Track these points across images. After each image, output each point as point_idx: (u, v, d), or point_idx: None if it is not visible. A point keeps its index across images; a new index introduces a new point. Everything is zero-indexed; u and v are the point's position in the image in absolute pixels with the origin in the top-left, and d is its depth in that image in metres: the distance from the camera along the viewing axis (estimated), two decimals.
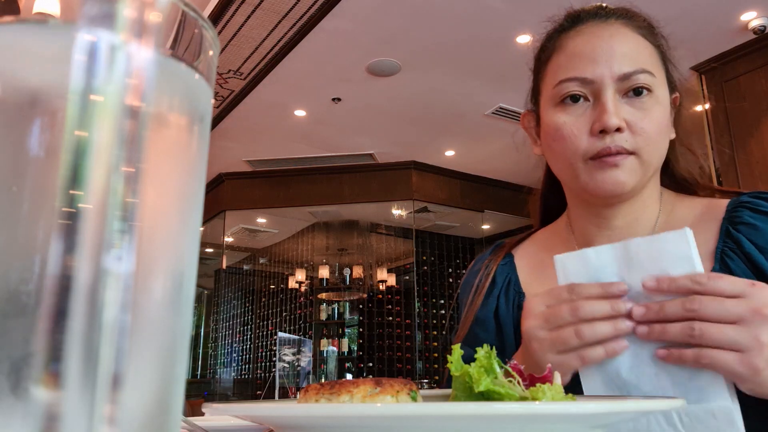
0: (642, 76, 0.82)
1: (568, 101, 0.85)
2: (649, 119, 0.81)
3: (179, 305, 0.22)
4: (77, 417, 0.16)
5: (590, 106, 0.84)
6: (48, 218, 0.18)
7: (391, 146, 6.27)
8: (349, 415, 0.39)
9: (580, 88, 0.84)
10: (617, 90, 0.82)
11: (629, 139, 0.81)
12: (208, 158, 0.25)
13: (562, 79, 0.85)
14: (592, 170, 0.83)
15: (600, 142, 0.81)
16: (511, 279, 1.00)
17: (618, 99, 0.82)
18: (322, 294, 8.13)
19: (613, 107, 0.81)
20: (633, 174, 0.82)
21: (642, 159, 0.82)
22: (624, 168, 0.81)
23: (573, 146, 0.83)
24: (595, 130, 0.81)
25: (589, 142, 0.82)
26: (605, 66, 0.82)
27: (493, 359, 0.48)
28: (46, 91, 0.19)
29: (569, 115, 0.84)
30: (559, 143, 0.85)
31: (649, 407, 0.43)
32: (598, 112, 0.82)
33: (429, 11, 4.03)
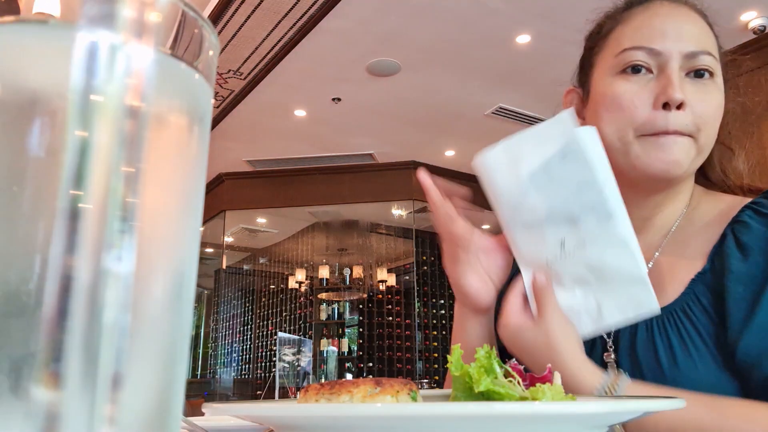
0: (707, 57, 0.80)
1: (630, 71, 0.81)
2: (709, 103, 0.79)
3: (179, 305, 0.22)
4: (77, 417, 0.16)
5: (653, 79, 0.80)
6: (48, 218, 0.18)
7: (391, 146, 6.27)
8: (349, 415, 0.39)
9: (646, 59, 0.81)
10: (681, 67, 0.80)
11: (689, 121, 0.78)
12: (208, 158, 0.25)
13: (627, 47, 0.82)
14: (646, 146, 0.79)
15: (661, 118, 0.78)
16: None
17: (682, 75, 0.80)
18: (322, 294, 8.13)
19: (679, 81, 0.78)
20: (688, 156, 0.79)
21: (698, 143, 0.79)
22: (682, 147, 0.78)
23: (630, 116, 0.80)
24: (658, 103, 0.78)
25: (650, 116, 0.78)
26: (674, 41, 0.80)
27: (493, 359, 0.48)
28: (46, 91, 0.19)
29: (630, 84, 0.81)
30: (613, 112, 0.81)
31: (650, 407, 0.43)
32: (663, 84, 0.78)
33: (429, 11, 4.03)
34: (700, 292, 0.78)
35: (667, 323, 0.78)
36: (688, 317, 0.77)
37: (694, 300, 0.78)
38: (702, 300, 0.78)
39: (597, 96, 0.85)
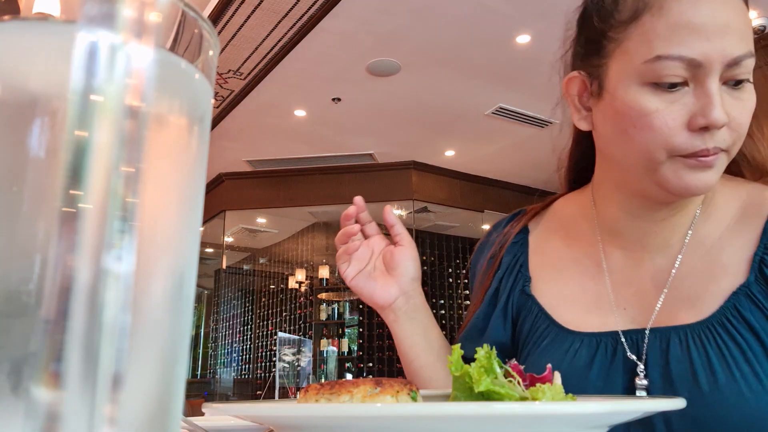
0: (749, 61, 0.68)
1: (665, 85, 0.68)
2: (747, 113, 0.69)
3: (179, 305, 0.22)
4: (77, 417, 0.16)
5: (689, 93, 0.68)
6: (48, 218, 0.18)
7: (391, 146, 6.27)
8: (349, 415, 0.39)
9: (684, 71, 0.67)
10: (721, 77, 0.68)
11: (726, 138, 0.68)
12: (208, 158, 0.25)
13: (662, 54, 0.67)
14: (679, 168, 0.69)
15: (699, 140, 0.67)
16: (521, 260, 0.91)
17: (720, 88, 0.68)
18: (322, 294, 8.13)
19: (720, 100, 0.66)
20: (720, 172, 0.71)
21: (731, 154, 0.71)
22: (716, 168, 0.69)
23: (662, 139, 0.68)
24: (696, 125, 0.67)
25: (687, 138, 0.68)
26: (718, 46, 0.66)
27: (493, 359, 0.48)
28: (46, 91, 0.19)
29: (662, 101, 0.68)
30: (643, 132, 0.69)
31: (650, 407, 0.43)
32: (702, 102, 0.67)
33: (429, 11, 4.03)
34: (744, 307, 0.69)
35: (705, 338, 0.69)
36: (729, 334, 0.68)
37: (735, 315, 0.69)
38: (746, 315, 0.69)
39: (619, 104, 0.72)
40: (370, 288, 0.91)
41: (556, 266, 0.88)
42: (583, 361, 0.76)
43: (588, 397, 0.53)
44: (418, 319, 0.92)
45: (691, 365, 0.69)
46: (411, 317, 0.92)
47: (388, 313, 0.92)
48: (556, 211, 0.96)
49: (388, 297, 0.91)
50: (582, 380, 0.74)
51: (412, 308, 0.92)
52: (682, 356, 0.70)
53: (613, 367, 0.75)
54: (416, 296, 0.93)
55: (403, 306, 0.92)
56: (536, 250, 0.92)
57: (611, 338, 0.76)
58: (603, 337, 0.77)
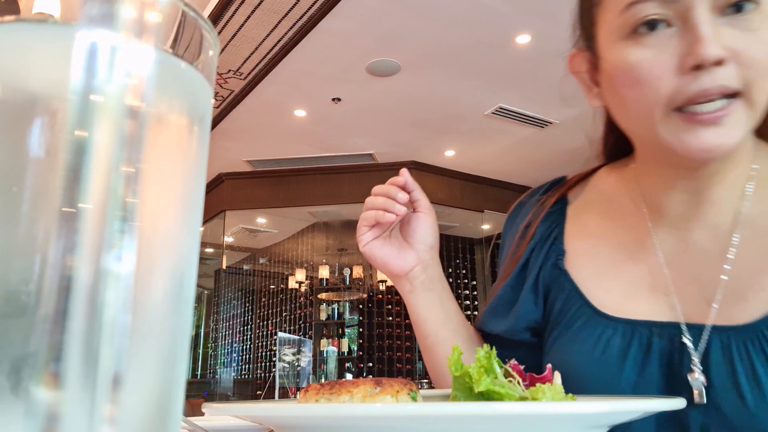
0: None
1: (643, 30, 0.62)
2: (760, 42, 0.58)
3: (179, 305, 0.22)
4: (77, 417, 0.16)
5: (675, 34, 0.61)
6: (48, 218, 0.18)
7: (391, 146, 6.27)
8: (349, 415, 0.39)
9: (660, 9, 0.60)
10: (713, 7, 0.59)
11: (734, 75, 0.58)
12: (208, 158, 0.25)
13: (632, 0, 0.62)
14: (679, 126, 0.61)
15: (693, 82, 0.58)
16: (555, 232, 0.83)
17: (715, 19, 0.59)
18: (322, 294, 8.14)
19: (711, 31, 0.58)
20: (739, 127, 0.59)
21: (752, 99, 0.59)
22: (727, 123, 0.59)
23: (654, 91, 0.61)
24: (686, 66, 0.59)
25: (679, 83, 0.59)
26: None
27: (493, 359, 0.48)
28: (46, 91, 0.19)
29: (646, 49, 0.61)
30: (632, 89, 0.63)
31: (651, 407, 0.43)
32: (689, 40, 0.59)
33: (429, 11, 4.03)
34: None
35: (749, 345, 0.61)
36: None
37: None
38: None
39: (608, 67, 0.67)
40: (386, 254, 0.86)
41: (595, 242, 0.79)
42: (617, 350, 0.68)
43: (588, 397, 0.53)
44: (435, 291, 0.87)
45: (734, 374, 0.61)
46: (428, 288, 0.86)
47: (404, 283, 0.86)
48: (598, 183, 0.86)
49: (405, 265, 0.85)
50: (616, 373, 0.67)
51: (429, 278, 0.86)
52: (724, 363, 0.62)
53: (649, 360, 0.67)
54: (434, 266, 0.87)
55: (419, 275, 0.86)
56: (574, 222, 0.83)
57: (648, 328, 0.68)
58: (640, 326, 0.69)
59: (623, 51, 0.64)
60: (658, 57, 0.61)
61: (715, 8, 0.59)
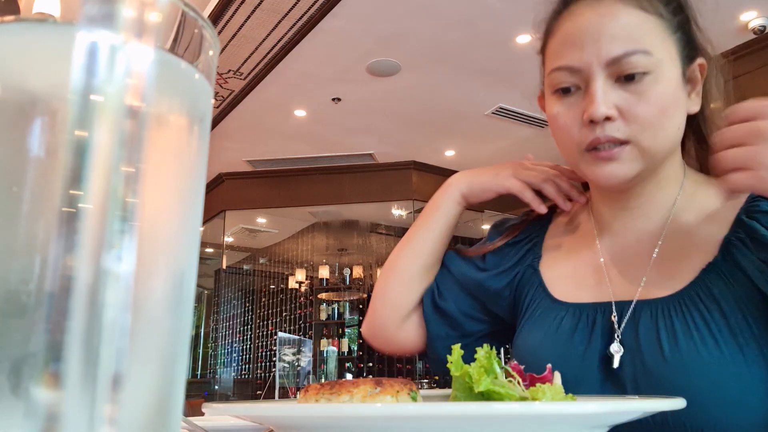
0: (634, 58, 0.76)
1: (560, 92, 0.82)
2: (645, 103, 0.76)
3: (179, 305, 0.22)
4: (77, 417, 0.16)
5: (581, 95, 0.80)
6: (48, 218, 0.18)
7: (391, 146, 6.27)
8: (349, 415, 0.39)
9: (570, 78, 0.80)
10: (609, 75, 0.77)
11: (621, 128, 0.76)
12: (208, 158, 0.25)
13: (552, 68, 0.83)
14: (589, 162, 0.80)
15: (591, 133, 0.78)
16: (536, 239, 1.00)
17: (610, 85, 0.77)
18: (322, 294, 8.13)
19: (602, 95, 0.76)
20: (633, 164, 0.78)
21: (641, 146, 0.77)
22: (621, 160, 0.78)
23: (568, 137, 0.81)
24: (585, 121, 0.78)
25: (581, 133, 0.79)
26: (592, 51, 0.77)
27: (493, 359, 0.48)
28: (46, 91, 0.19)
29: (562, 105, 0.82)
30: (556, 134, 0.84)
31: (650, 407, 0.43)
32: (587, 101, 0.78)
33: (429, 11, 4.03)
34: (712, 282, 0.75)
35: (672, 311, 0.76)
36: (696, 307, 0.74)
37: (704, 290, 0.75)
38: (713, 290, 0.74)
39: (547, 116, 0.88)
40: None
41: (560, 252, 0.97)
42: (567, 327, 0.84)
43: (588, 397, 0.54)
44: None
45: (657, 333, 0.75)
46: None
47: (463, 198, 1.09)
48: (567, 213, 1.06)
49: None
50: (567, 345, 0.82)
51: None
52: (650, 326, 0.76)
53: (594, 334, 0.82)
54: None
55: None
56: (552, 234, 1.01)
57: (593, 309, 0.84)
58: (585, 307, 0.85)
59: (550, 105, 0.85)
60: (569, 112, 0.81)
61: (611, 76, 0.77)
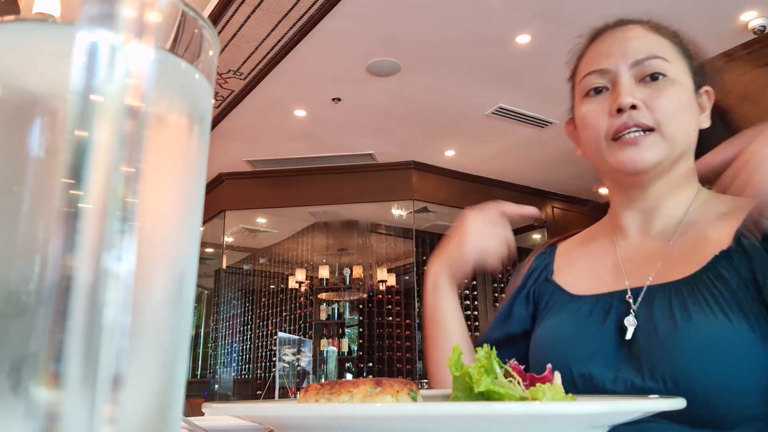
0: (655, 61, 0.89)
1: (591, 93, 0.94)
2: (666, 97, 0.87)
3: (179, 305, 0.22)
4: (77, 417, 0.16)
5: (610, 93, 0.92)
6: (48, 218, 0.18)
7: (391, 146, 6.27)
8: (349, 415, 0.39)
9: (600, 79, 0.93)
10: (633, 76, 0.90)
11: (647, 115, 0.86)
12: (208, 158, 0.25)
13: (584, 74, 0.95)
14: (614, 149, 0.89)
15: (618, 119, 0.88)
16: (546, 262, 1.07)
17: (634, 83, 0.89)
18: (322, 294, 8.13)
19: (628, 88, 0.88)
20: (655, 149, 0.87)
21: (664, 134, 0.86)
22: (644, 145, 0.86)
23: (596, 129, 0.91)
24: (612, 111, 0.89)
25: (609, 122, 0.89)
26: (620, 57, 0.91)
27: (493, 359, 0.48)
28: (46, 91, 0.19)
29: (592, 104, 0.93)
30: (585, 130, 0.94)
31: (650, 407, 0.43)
32: (615, 95, 0.90)
33: (429, 11, 4.03)
34: (723, 267, 0.80)
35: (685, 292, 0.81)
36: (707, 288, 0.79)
37: (716, 274, 0.80)
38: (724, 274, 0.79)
39: (577, 120, 0.99)
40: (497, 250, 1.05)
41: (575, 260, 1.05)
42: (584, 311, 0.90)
43: (588, 397, 0.53)
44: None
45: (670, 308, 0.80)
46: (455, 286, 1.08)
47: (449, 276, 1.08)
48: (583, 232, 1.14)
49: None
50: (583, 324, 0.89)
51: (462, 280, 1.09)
52: (663, 303, 0.82)
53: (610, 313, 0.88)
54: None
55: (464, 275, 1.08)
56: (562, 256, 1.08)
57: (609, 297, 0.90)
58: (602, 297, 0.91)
59: (581, 106, 0.96)
60: (598, 108, 0.92)
61: (635, 77, 0.90)
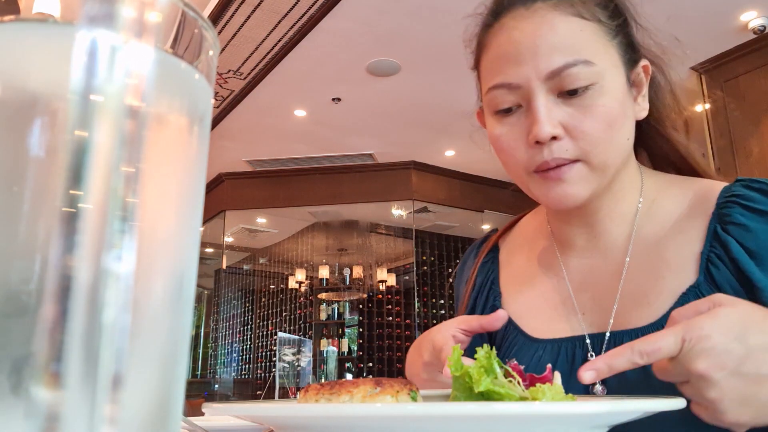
0: (575, 69, 0.71)
1: (501, 112, 0.76)
2: (592, 117, 0.71)
3: (179, 305, 0.22)
4: (77, 417, 0.16)
5: (523, 113, 0.75)
6: (48, 218, 0.18)
7: (391, 146, 6.27)
8: (349, 415, 0.39)
9: (509, 96, 0.75)
10: (550, 89, 0.72)
11: (570, 147, 0.71)
12: (208, 158, 0.25)
13: (489, 86, 0.77)
14: (538, 184, 0.75)
15: (538, 154, 0.73)
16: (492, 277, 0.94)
17: (552, 100, 0.72)
18: (322, 294, 8.13)
19: (546, 113, 0.71)
20: (584, 183, 0.73)
21: (591, 164, 0.72)
22: (571, 180, 0.73)
23: (513, 160, 0.76)
24: (530, 142, 0.73)
25: (528, 155, 0.74)
26: (530, 66, 0.72)
27: (493, 359, 0.48)
28: (46, 91, 0.19)
29: (504, 126, 0.76)
30: (501, 156, 0.79)
31: (650, 407, 0.43)
32: (530, 121, 0.73)
33: (429, 11, 4.03)
34: None
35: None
36: None
37: None
38: None
39: (488, 136, 0.82)
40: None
41: (523, 280, 0.91)
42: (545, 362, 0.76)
43: (588, 397, 0.53)
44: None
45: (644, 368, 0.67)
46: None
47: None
48: (522, 230, 1.00)
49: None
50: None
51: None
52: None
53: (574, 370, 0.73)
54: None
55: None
56: (505, 265, 0.96)
57: (571, 343, 0.79)
58: (564, 342, 0.80)
59: (491, 125, 0.79)
60: (512, 133, 0.76)
61: (553, 90, 0.72)
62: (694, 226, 0.76)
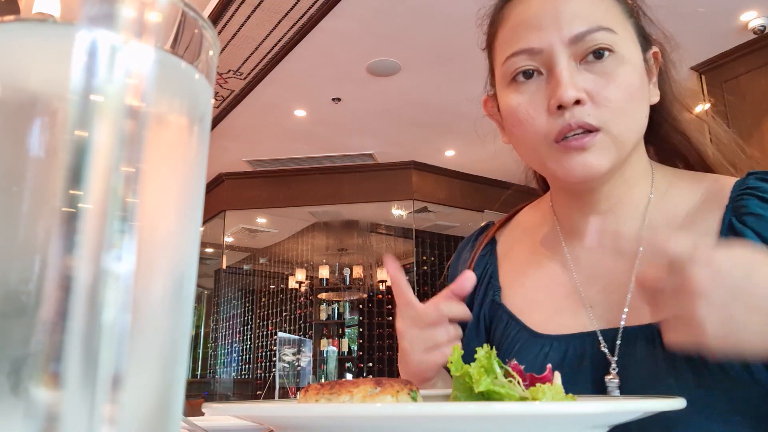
0: (599, 34, 0.70)
1: (520, 78, 0.74)
2: (615, 85, 0.70)
3: (179, 305, 0.22)
4: (77, 417, 0.16)
5: (544, 80, 0.73)
6: (48, 218, 0.18)
7: (391, 146, 6.27)
8: (349, 415, 0.39)
9: (530, 62, 0.73)
10: (572, 55, 0.71)
11: (592, 112, 0.70)
12: (208, 158, 0.25)
13: (508, 54, 0.75)
14: (557, 154, 0.72)
15: (559, 119, 0.70)
16: (490, 271, 0.92)
17: (575, 66, 0.71)
18: (322, 294, 8.13)
19: (569, 77, 0.70)
20: (605, 153, 0.71)
21: (612, 134, 0.71)
22: (593, 149, 0.70)
23: (532, 129, 0.73)
24: (552, 107, 0.70)
25: (548, 122, 0.71)
26: (553, 30, 0.71)
27: (493, 359, 0.48)
28: (46, 91, 0.19)
29: (522, 95, 0.74)
30: (518, 128, 0.75)
31: (650, 407, 0.43)
32: (552, 85, 0.71)
33: (429, 11, 4.03)
34: None
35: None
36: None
37: None
38: None
39: (502, 110, 0.80)
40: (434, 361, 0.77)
41: (524, 272, 0.88)
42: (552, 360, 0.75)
43: (588, 396, 0.53)
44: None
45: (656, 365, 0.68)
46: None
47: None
48: (520, 221, 0.98)
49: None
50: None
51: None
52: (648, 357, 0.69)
53: (582, 367, 0.74)
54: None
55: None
56: (504, 259, 0.93)
57: (580, 340, 0.76)
58: (572, 339, 0.77)
59: (507, 96, 0.76)
60: (532, 100, 0.73)
61: (575, 56, 0.71)
62: (708, 219, 0.75)
